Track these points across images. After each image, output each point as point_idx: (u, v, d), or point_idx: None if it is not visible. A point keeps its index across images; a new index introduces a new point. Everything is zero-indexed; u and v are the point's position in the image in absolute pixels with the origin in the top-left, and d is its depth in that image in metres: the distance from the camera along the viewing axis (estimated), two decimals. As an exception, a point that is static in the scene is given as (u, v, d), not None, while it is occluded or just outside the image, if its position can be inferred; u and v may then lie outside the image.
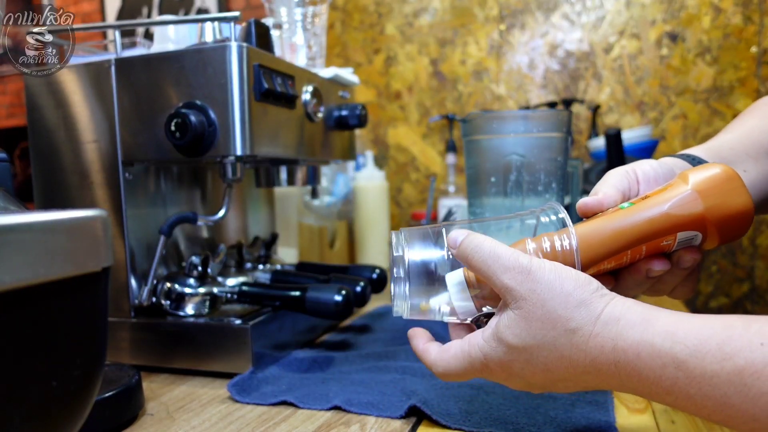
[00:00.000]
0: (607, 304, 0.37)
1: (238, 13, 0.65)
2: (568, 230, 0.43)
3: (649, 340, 0.34)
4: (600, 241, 0.42)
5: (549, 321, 0.37)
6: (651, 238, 0.42)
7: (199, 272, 0.72)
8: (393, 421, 0.52)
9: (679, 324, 0.34)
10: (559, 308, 0.37)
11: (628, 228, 0.42)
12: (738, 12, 1.33)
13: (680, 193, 0.42)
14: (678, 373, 0.33)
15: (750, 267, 1.38)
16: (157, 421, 0.55)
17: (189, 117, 0.62)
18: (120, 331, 0.70)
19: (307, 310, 0.69)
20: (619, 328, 0.36)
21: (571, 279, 0.38)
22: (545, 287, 0.38)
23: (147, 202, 0.74)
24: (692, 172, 0.43)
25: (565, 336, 0.37)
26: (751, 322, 0.33)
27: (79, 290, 0.30)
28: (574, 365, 0.38)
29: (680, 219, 0.41)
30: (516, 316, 0.38)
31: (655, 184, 0.47)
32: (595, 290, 0.38)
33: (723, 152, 0.51)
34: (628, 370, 0.35)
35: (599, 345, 0.36)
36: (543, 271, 0.38)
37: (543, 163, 0.69)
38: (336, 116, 0.87)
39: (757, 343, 0.31)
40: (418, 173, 1.63)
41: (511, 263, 0.39)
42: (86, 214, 0.31)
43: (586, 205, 0.44)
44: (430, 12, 1.58)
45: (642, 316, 0.36)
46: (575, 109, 1.47)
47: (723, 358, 0.31)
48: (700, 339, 0.33)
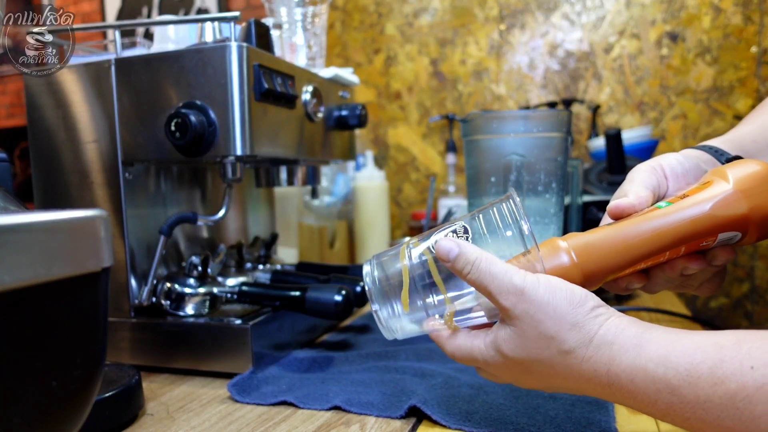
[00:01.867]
0: (600, 326, 0.37)
1: (238, 13, 0.65)
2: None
3: (642, 365, 0.35)
4: (639, 242, 0.41)
5: (543, 341, 0.37)
6: (692, 239, 0.40)
7: (199, 272, 0.72)
8: (393, 421, 0.52)
9: (673, 346, 0.34)
10: (552, 329, 0.37)
11: (669, 229, 0.40)
12: (738, 12, 1.33)
13: (722, 193, 0.40)
14: (672, 398, 0.33)
15: (750, 267, 1.38)
16: (157, 421, 0.55)
17: (189, 117, 0.62)
18: (120, 331, 0.70)
19: (307, 310, 0.69)
20: (612, 353, 0.36)
21: (566, 299, 0.38)
22: (538, 308, 0.37)
23: (147, 202, 0.74)
24: (729, 169, 0.41)
25: (559, 356, 0.37)
26: (741, 341, 0.33)
27: (79, 290, 0.30)
28: (570, 381, 0.38)
29: (723, 220, 0.40)
30: (512, 332, 0.39)
31: (684, 179, 0.46)
32: (589, 311, 0.37)
33: (745, 145, 0.50)
34: (623, 392, 0.36)
35: (593, 369, 0.36)
36: (536, 290, 0.38)
37: (543, 163, 0.69)
38: (336, 116, 0.87)
39: (748, 366, 0.31)
40: (418, 173, 1.63)
41: (505, 285, 0.38)
42: (86, 214, 0.31)
43: (618, 207, 0.43)
44: (430, 12, 1.58)
45: (635, 340, 0.36)
46: (575, 109, 1.47)
47: (715, 383, 0.32)
48: (693, 363, 0.33)
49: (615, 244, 0.41)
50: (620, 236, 0.41)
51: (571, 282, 0.41)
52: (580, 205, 0.87)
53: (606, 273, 0.42)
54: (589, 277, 0.42)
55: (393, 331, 0.45)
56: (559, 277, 0.41)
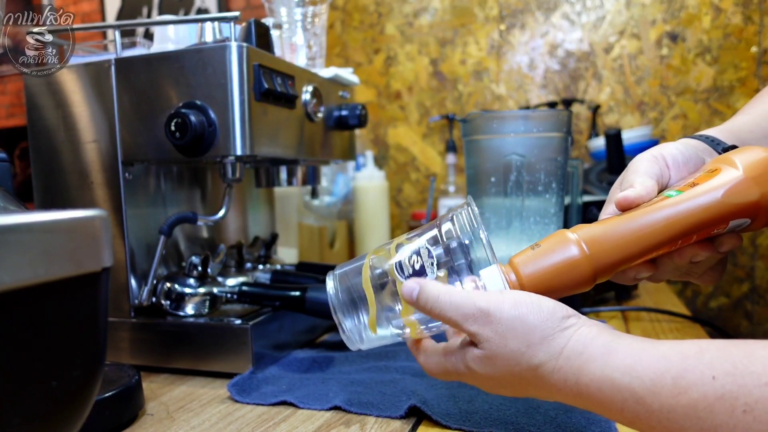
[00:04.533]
0: (570, 338, 0.37)
1: (238, 13, 0.65)
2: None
3: (609, 375, 0.35)
4: (653, 232, 0.41)
5: (513, 358, 0.38)
6: (706, 226, 0.40)
7: (199, 272, 0.72)
8: (393, 421, 0.52)
9: (639, 356, 0.35)
10: (522, 346, 0.37)
11: (682, 217, 0.40)
12: (738, 12, 1.33)
13: (733, 180, 0.40)
14: (638, 408, 0.34)
15: (750, 267, 1.38)
16: (157, 421, 0.55)
17: (189, 117, 0.62)
18: (120, 331, 0.70)
19: (307, 310, 0.69)
20: (580, 363, 0.36)
21: (534, 313, 0.38)
22: (506, 327, 0.38)
23: (147, 202, 0.74)
24: (736, 156, 0.41)
25: (529, 370, 0.38)
26: (704, 351, 0.33)
27: (79, 290, 0.30)
28: (541, 391, 0.39)
29: (736, 206, 0.40)
30: (481, 353, 0.39)
31: (685, 168, 0.46)
32: (558, 323, 0.38)
33: (742, 135, 0.50)
34: (592, 401, 0.36)
35: (562, 379, 0.37)
36: (502, 310, 0.38)
37: (543, 163, 0.69)
38: (336, 116, 0.86)
39: (709, 376, 0.32)
40: (418, 173, 1.63)
41: (469, 310, 0.39)
42: (86, 214, 0.31)
43: (627, 199, 0.43)
44: (430, 12, 1.58)
45: (603, 349, 0.36)
46: (575, 109, 1.47)
47: (678, 393, 0.32)
48: (657, 373, 0.33)
49: (628, 234, 0.41)
50: (633, 227, 0.41)
51: (578, 274, 0.41)
52: (580, 205, 0.87)
53: (618, 264, 0.42)
54: (600, 269, 0.42)
55: (357, 343, 0.46)
56: (567, 269, 0.41)
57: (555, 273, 0.42)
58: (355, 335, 0.45)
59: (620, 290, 0.96)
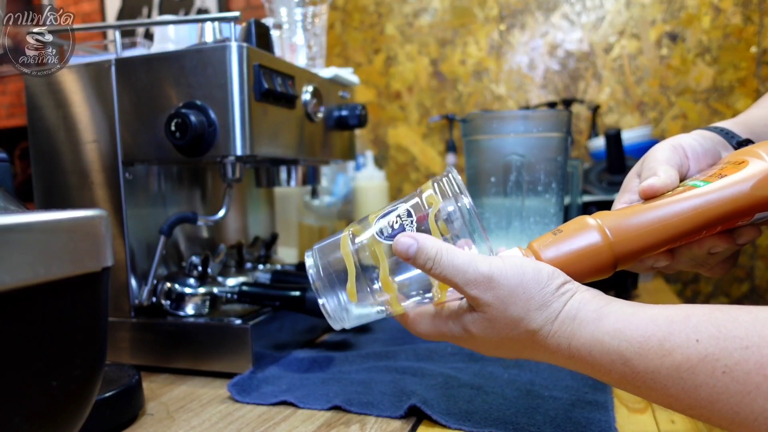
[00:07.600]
0: (565, 304, 0.38)
1: (238, 13, 0.65)
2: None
3: (599, 338, 0.36)
4: (678, 221, 0.40)
5: (512, 322, 0.39)
6: (732, 218, 0.40)
7: (199, 272, 0.72)
8: (393, 421, 0.52)
9: (628, 320, 0.36)
10: (521, 312, 0.38)
11: (709, 208, 0.40)
12: (738, 12, 1.33)
13: (762, 172, 0.40)
14: (625, 369, 0.35)
15: (750, 267, 1.38)
16: (157, 421, 0.55)
17: (189, 117, 0.62)
18: (120, 331, 0.70)
19: (307, 310, 0.69)
20: (573, 327, 0.38)
21: (534, 279, 0.39)
22: (507, 293, 0.38)
23: (147, 202, 0.74)
24: (762, 148, 0.41)
25: (526, 334, 0.39)
26: (690, 315, 0.34)
27: (79, 290, 0.30)
28: (536, 353, 0.40)
29: (764, 199, 0.40)
30: (481, 317, 0.40)
31: (704, 159, 0.46)
32: (556, 289, 0.39)
33: (757, 128, 0.50)
34: (583, 363, 0.38)
35: (556, 343, 0.38)
36: (505, 276, 0.39)
37: (543, 163, 0.69)
38: (336, 116, 0.87)
39: (693, 339, 0.33)
40: (418, 173, 1.63)
41: (472, 275, 0.39)
42: (86, 214, 0.31)
43: (653, 187, 0.43)
44: (430, 12, 1.58)
45: (595, 314, 0.37)
46: (575, 109, 1.47)
47: (663, 355, 0.34)
48: (645, 336, 0.35)
49: (654, 222, 0.41)
50: (659, 215, 0.41)
51: (600, 261, 0.41)
52: (580, 205, 0.87)
53: (641, 252, 0.42)
54: (621, 256, 0.41)
55: (340, 321, 0.45)
56: (589, 255, 0.41)
57: (576, 258, 0.41)
58: (337, 311, 0.44)
59: (620, 290, 0.96)
